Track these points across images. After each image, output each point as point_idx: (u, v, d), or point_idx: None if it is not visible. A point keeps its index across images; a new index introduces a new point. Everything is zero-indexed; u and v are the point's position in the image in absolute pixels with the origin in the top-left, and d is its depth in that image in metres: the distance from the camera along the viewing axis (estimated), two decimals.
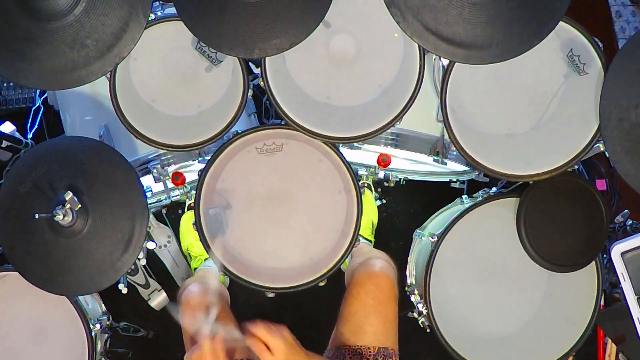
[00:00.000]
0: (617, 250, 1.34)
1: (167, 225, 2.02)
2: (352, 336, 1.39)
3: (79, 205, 1.21)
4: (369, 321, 1.39)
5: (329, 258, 1.47)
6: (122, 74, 1.40)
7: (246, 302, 1.94)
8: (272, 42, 1.27)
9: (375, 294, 1.42)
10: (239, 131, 1.45)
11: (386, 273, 1.46)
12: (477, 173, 1.62)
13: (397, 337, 1.42)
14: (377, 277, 1.44)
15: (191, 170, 1.63)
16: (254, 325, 1.16)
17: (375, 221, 1.99)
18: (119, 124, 1.40)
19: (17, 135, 1.97)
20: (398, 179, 1.83)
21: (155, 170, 1.53)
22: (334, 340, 1.43)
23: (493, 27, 1.24)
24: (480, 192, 1.60)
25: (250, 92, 1.42)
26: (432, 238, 1.50)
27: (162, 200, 1.78)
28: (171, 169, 1.57)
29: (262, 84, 1.40)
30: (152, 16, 1.37)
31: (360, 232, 1.66)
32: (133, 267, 1.32)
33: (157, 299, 1.96)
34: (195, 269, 1.93)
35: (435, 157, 1.54)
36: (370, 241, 1.94)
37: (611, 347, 1.83)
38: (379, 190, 2.01)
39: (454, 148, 1.41)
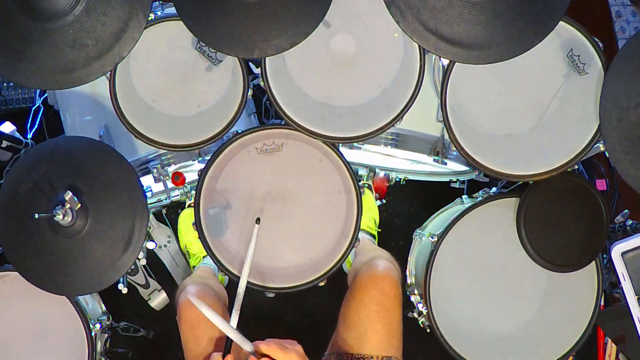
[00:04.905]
0: (617, 250, 1.34)
1: (167, 225, 2.03)
2: (355, 344, 1.36)
3: (79, 205, 1.21)
4: (372, 328, 1.35)
5: (329, 258, 1.47)
6: (122, 74, 1.40)
7: (246, 302, 1.94)
8: (272, 42, 1.27)
9: (380, 299, 1.37)
10: (239, 131, 1.45)
11: (390, 275, 1.41)
12: (477, 173, 1.63)
13: (401, 343, 1.39)
14: (381, 280, 1.40)
15: (191, 170, 1.63)
16: (266, 344, 1.13)
17: (377, 219, 1.99)
18: (119, 124, 1.40)
19: (17, 135, 1.97)
20: (398, 179, 1.83)
21: (155, 170, 1.53)
22: (335, 346, 1.41)
23: (493, 27, 1.24)
24: (480, 192, 1.60)
25: (250, 92, 1.42)
26: (432, 238, 1.50)
27: (162, 200, 1.78)
28: (171, 169, 1.57)
29: (262, 84, 1.40)
30: (152, 16, 1.37)
31: (363, 226, 1.65)
32: (133, 267, 1.32)
33: (157, 299, 1.96)
34: (193, 266, 1.93)
35: (435, 157, 1.54)
36: (373, 236, 1.93)
37: (611, 347, 1.83)
38: None
39: (454, 148, 1.41)
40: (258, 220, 1.35)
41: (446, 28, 1.24)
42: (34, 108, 2.05)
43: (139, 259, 1.32)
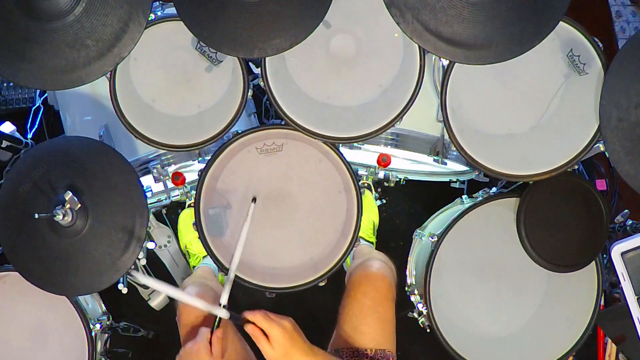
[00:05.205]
0: (617, 250, 1.34)
1: (167, 225, 2.03)
2: (350, 338, 1.39)
3: (79, 205, 1.21)
4: (366, 322, 1.39)
5: (329, 258, 1.47)
6: (122, 74, 1.40)
7: (246, 302, 1.94)
8: (272, 42, 1.27)
9: (372, 295, 1.42)
10: (239, 131, 1.45)
11: (383, 274, 1.46)
12: (477, 173, 1.62)
13: (395, 338, 1.42)
14: (374, 278, 1.44)
15: (191, 170, 1.63)
16: (252, 313, 1.15)
17: (377, 222, 1.99)
18: (119, 124, 1.40)
19: (17, 135, 1.97)
20: (398, 179, 1.83)
21: (155, 170, 1.53)
22: (334, 342, 1.43)
23: (493, 27, 1.24)
24: (480, 192, 1.60)
25: (250, 92, 1.42)
26: (432, 238, 1.50)
27: (162, 200, 1.78)
28: (171, 169, 1.57)
29: (262, 84, 1.40)
30: (152, 16, 1.37)
31: (361, 234, 1.66)
32: (133, 267, 1.31)
33: (157, 299, 1.96)
34: (193, 266, 1.93)
35: (435, 157, 1.54)
36: (372, 243, 1.94)
37: (611, 347, 1.83)
38: (379, 190, 2.01)
39: (454, 148, 1.41)
40: (254, 200, 1.39)
41: (446, 28, 1.24)
42: (34, 108, 2.05)
43: (139, 259, 1.32)
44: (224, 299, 1.21)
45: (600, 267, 1.50)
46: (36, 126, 2.03)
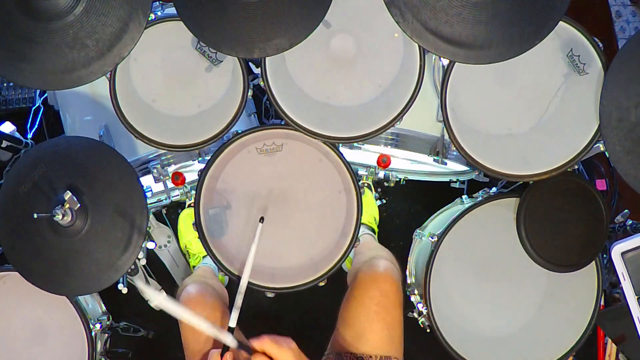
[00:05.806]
0: (617, 250, 1.34)
1: (167, 225, 2.03)
2: (354, 342, 1.36)
3: (79, 205, 1.21)
4: (372, 328, 1.36)
5: (329, 258, 1.47)
6: (122, 74, 1.40)
7: (246, 302, 1.94)
8: (272, 42, 1.27)
9: (380, 300, 1.38)
10: (239, 131, 1.45)
11: (391, 275, 1.42)
12: (477, 173, 1.63)
13: (402, 343, 1.39)
14: (382, 281, 1.40)
15: (191, 170, 1.63)
16: (260, 341, 1.14)
17: (377, 217, 1.99)
18: (119, 124, 1.40)
19: (17, 135, 1.97)
20: (398, 179, 1.83)
21: (155, 170, 1.53)
22: (335, 344, 1.41)
23: (493, 27, 1.24)
24: (480, 192, 1.61)
25: (250, 92, 1.42)
26: (432, 238, 1.50)
27: (162, 200, 1.78)
28: (171, 169, 1.57)
29: (262, 84, 1.40)
30: (152, 16, 1.37)
31: (364, 221, 1.64)
32: (133, 267, 1.32)
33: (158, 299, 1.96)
34: (193, 266, 1.93)
35: (435, 157, 1.54)
36: (374, 230, 1.92)
37: (611, 347, 1.83)
38: (379, 190, 2.01)
39: (454, 148, 1.41)
40: (262, 220, 1.36)
41: (446, 28, 1.24)
42: (34, 108, 2.05)
43: (139, 259, 1.32)
44: (233, 322, 1.21)
45: (600, 267, 1.50)
46: (36, 126, 2.03)
